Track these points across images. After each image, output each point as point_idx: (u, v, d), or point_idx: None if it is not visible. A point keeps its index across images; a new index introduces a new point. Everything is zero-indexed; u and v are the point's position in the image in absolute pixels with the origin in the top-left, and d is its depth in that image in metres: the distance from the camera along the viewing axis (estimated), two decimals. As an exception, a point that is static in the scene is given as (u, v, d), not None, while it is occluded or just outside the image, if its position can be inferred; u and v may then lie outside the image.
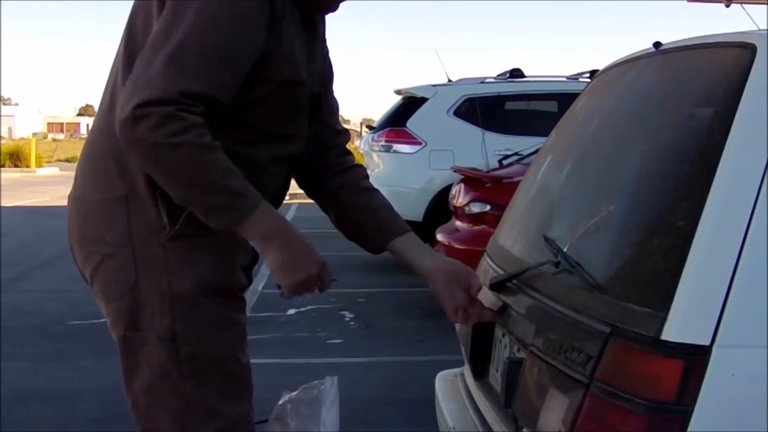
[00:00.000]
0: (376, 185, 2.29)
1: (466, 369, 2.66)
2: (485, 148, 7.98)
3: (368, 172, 10.07)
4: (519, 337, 2.02)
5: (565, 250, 1.89)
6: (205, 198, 1.69)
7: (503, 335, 2.22)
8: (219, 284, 1.81)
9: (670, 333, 1.45)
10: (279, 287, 1.82)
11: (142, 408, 1.81)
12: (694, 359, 1.45)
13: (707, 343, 1.44)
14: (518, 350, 2.04)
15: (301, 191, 2.32)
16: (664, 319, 1.46)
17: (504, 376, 2.01)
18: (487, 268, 2.47)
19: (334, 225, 2.21)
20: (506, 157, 7.26)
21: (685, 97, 1.89)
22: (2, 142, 40.15)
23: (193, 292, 1.76)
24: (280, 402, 2.09)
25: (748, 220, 1.51)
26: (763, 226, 1.50)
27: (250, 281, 1.95)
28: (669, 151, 1.78)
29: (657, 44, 2.16)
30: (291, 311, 6.77)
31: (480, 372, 2.48)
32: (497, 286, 2.15)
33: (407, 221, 2.27)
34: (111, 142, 1.74)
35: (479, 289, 2.08)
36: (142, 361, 1.79)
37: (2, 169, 29.66)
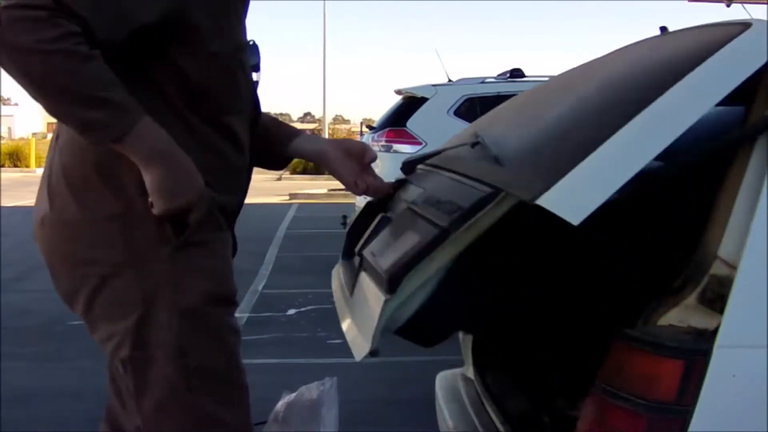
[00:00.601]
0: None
1: (467, 369, 2.66)
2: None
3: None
4: (412, 200, 2.04)
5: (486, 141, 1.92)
6: (82, 111, 1.58)
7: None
8: (224, 291, 1.79)
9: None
10: (151, 205, 1.69)
11: (152, 427, 1.77)
12: (695, 359, 1.45)
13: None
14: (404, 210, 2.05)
15: (301, 191, 2.33)
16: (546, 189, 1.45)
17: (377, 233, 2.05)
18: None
19: None
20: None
21: (671, 54, 1.92)
22: (2, 142, 40.14)
23: (201, 302, 1.74)
24: (280, 403, 2.09)
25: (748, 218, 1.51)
26: (764, 225, 1.50)
27: None
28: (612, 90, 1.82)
29: (663, 28, 2.17)
30: (291, 311, 6.77)
31: (480, 372, 2.49)
32: (407, 165, 2.17)
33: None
34: (93, 156, 1.71)
35: (373, 159, 2.12)
36: (151, 380, 1.74)
37: (2, 169, 29.65)
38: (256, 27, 2.08)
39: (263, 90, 2.15)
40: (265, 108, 2.00)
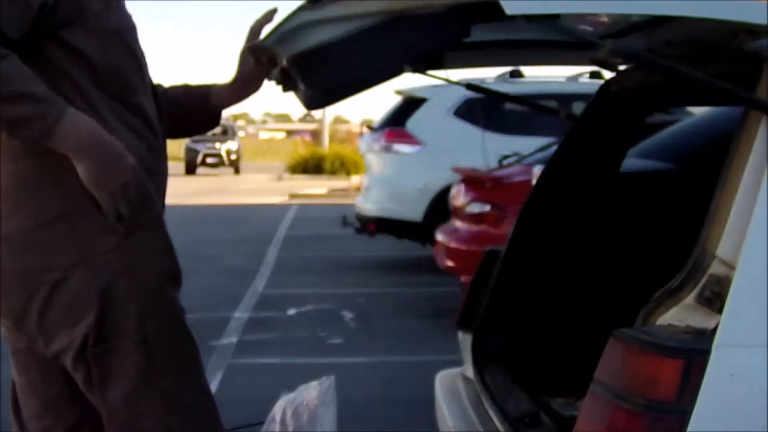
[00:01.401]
0: (376, 185, 2.31)
1: (466, 369, 2.66)
2: (485, 149, 7.98)
3: (369, 172, 10.00)
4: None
5: None
6: (8, 109, 1.58)
7: None
8: (175, 268, 1.79)
9: None
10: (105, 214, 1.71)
11: (122, 418, 1.75)
12: (694, 359, 1.45)
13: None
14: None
15: (301, 191, 2.32)
16: None
17: None
18: None
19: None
20: (506, 157, 7.27)
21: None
22: (2, 142, 40.02)
23: (158, 282, 1.74)
24: (279, 403, 2.10)
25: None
26: (763, 225, 1.50)
27: None
28: None
29: None
30: (291, 311, 6.77)
31: (480, 372, 2.49)
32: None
33: (407, 221, 2.29)
34: (43, 161, 1.69)
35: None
36: (116, 371, 1.72)
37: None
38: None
39: (264, 90, 2.14)
40: (264, 108, 1.99)
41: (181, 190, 20.91)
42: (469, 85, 2.88)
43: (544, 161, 4.37)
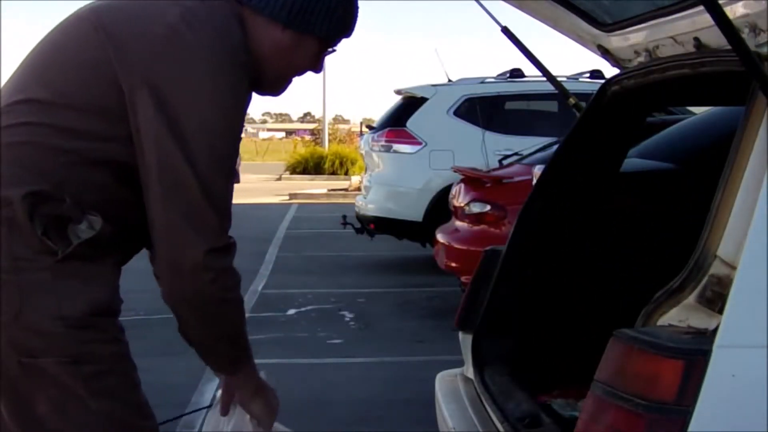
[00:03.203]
0: (376, 185, 2.31)
1: (466, 369, 2.66)
2: (485, 148, 7.98)
3: (368, 172, 10.01)
4: None
5: None
6: (228, 347, 1.82)
7: None
8: (110, 305, 1.74)
9: None
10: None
11: (52, 429, 1.69)
12: (694, 360, 1.45)
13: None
14: None
15: (302, 191, 2.32)
16: None
17: None
18: None
19: None
20: (506, 157, 7.26)
21: None
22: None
23: (88, 313, 1.68)
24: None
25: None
26: (763, 225, 1.50)
27: None
28: None
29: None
30: (291, 311, 6.77)
31: (479, 372, 2.49)
32: None
33: (407, 221, 2.30)
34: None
35: None
36: (45, 386, 1.68)
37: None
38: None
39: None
40: (265, 108, 2.00)
41: (181, 190, 20.74)
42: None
43: (544, 161, 4.37)
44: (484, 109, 8.30)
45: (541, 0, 2.54)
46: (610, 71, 2.71)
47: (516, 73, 8.49)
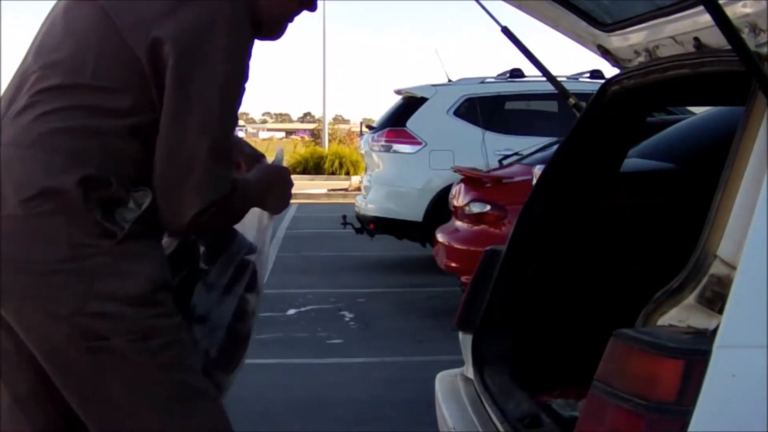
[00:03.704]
0: (376, 185, 2.32)
1: (466, 369, 2.66)
2: (485, 148, 7.97)
3: (368, 172, 10.00)
4: None
5: None
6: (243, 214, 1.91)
7: None
8: (165, 278, 1.79)
9: None
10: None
11: (126, 411, 1.75)
12: (694, 359, 1.45)
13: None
14: None
15: (301, 191, 2.34)
16: None
17: None
18: None
19: None
20: (506, 157, 7.26)
21: None
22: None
23: (149, 289, 1.74)
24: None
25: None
26: (763, 225, 1.50)
27: None
28: None
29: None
30: (291, 311, 6.77)
31: (479, 372, 2.49)
32: None
33: (407, 221, 2.31)
34: (33, 154, 1.69)
35: None
36: (115, 367, 1.73)
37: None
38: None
39: (263, 90, 2.16)
40: (265, 108, 2.03)
41: (181, 190, 20.71)
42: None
43: (544, 161, 4.37)
44: (484, 109, 8.30)
45: (541, 0, 2.54)
46: (610, 71, 2.72)
47: (516, 73, 8.49)
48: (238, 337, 1.97)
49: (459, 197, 6.37)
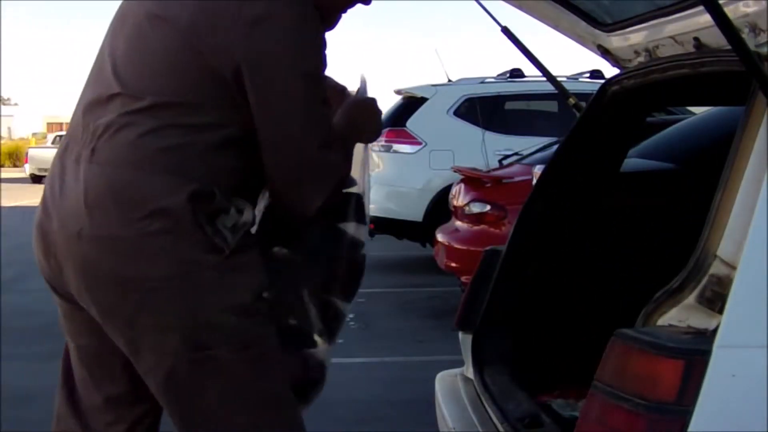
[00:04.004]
0: (376, 185, 2.34)
1: (466, 369, 2.66)
2: (485, 148, 7.97)
3: (369, 172, 9.94)
4: None
5: None
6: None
7: None
8: (264, 286, 1.85)
9: None
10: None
11: (219, 416, 1.82)
12: (694, 360, 1.45)
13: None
14: None
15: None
16: None
17: None
18: None
19: None
20: (506, 157, 7.26)
21: None
22: (2, 142, 40.14)
23: (251, 300, 1.81)
24: None
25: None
26: (763, 225, 1.50)
27: None
28: None
29: None
30: (291, 311, 6.77)
31: (479, 372, 2.49)
32: None
33: (407, 221, 2.33)
34: (140, 176, 1.73)
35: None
36: (215, 376, 1.80)
37: (2, 169, 29.65)
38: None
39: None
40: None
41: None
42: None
43: (544, 161, 4.37)
44: (484, 109, 8.29)
45: (541, 0, 2.54)
46: (610, 71, 2.72)
47: (516, 73, 8.49)
48: (356, 264, 2.04)
49: (459, 197, 6.37)
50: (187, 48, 1.76)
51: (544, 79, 2.89)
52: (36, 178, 27.90)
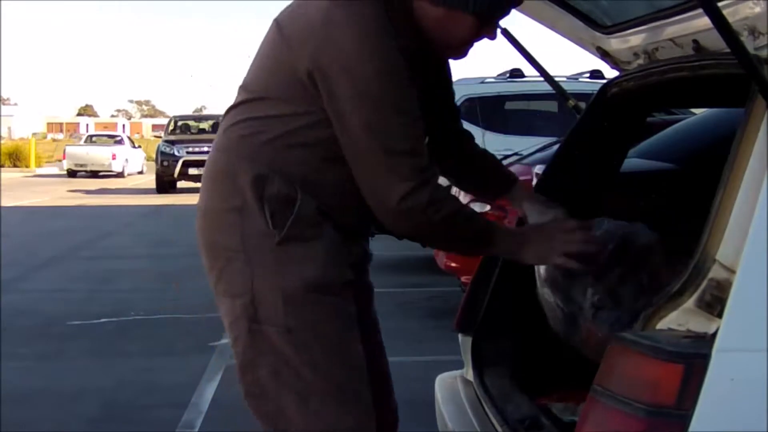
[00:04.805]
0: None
1: (466, 371, 2.66)
2: (485, 148, 7.97)
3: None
4: None
5: None
6: (467, 243, 2.14)
7: None
8: (323, 281, 1.96)
9: None
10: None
11: (270, 391, 1.97)
12: (694, 364, 1.45)
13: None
14: None
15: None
16: None
17: None
18: None
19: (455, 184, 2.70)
20: (506, 157, 7.26)
21: None
22: (2, 142, 40.14)
23: (302, 290, 1.94)
24: None
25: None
26: (763, 229, 1.50)
27: (361, 276, 2.23)
28: None
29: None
30: (291, 311, 6.77)
31: (479, 374, 2.49)
32: None
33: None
34: (227, 158, 2.00)
35: None
36: (266, 350, 1.96)
37: (2, 169, 29.66)
38: (256, 27, 2.14)
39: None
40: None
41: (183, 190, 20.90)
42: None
43: (544, 161, 4.37)
44: (484, 109, 8.30)
45: (540, 1, 2.54)
46: (610, 72, 2.72)
47: (516, 73, 8.49)
48: None
49: (459, 197, 6.36)
50: (282, 47, 1.94)
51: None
52: (72, 173, 28.21)
